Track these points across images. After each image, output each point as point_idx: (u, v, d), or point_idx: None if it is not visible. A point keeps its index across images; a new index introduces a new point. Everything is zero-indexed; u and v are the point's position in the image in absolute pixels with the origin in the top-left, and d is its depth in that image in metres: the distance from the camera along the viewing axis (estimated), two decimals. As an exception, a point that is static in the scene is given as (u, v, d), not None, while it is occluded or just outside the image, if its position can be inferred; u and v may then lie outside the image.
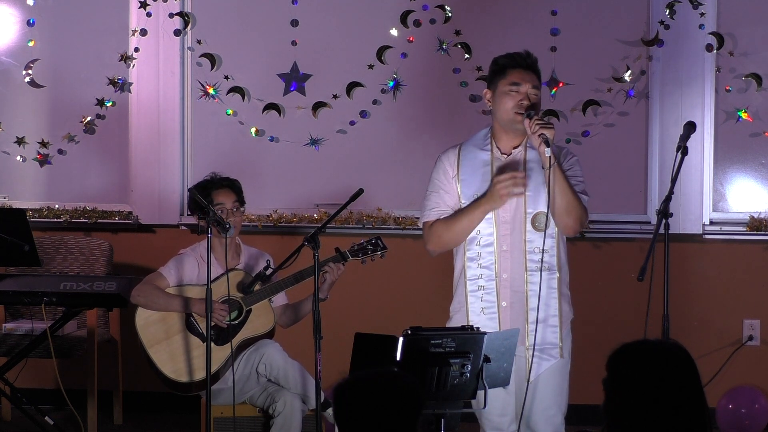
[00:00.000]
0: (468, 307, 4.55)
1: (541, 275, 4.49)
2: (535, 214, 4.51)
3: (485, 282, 4.53)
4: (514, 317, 4.50)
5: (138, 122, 6.90)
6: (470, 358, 4.07)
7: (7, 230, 5.85)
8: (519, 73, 4.56)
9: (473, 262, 4.55)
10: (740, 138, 6.55)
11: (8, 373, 6.12)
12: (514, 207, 4.51)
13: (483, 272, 4.54)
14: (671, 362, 2.96)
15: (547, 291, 4.52)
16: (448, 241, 4.62)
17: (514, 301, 4.51)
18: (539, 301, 4.47)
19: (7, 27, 7.00)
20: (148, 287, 5.47)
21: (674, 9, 6.46)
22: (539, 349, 4.49)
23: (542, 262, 4.50)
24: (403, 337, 3.98)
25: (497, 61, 4.64)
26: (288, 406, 5.33)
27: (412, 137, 6.73)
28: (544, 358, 4.51)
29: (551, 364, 4.52)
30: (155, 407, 6.81)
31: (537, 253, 4.50)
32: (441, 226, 4.61)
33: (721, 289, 6.62)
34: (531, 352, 4.47)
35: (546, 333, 4.52)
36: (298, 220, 6.75)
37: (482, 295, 4.53)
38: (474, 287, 4.55)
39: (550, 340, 4.52)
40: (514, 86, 4.54)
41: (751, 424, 6.43)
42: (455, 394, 4.10)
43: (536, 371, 4.51)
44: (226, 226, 5.27)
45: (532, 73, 4.57)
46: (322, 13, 6.77)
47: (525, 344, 4.49)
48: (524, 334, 4.49)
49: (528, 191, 4.51)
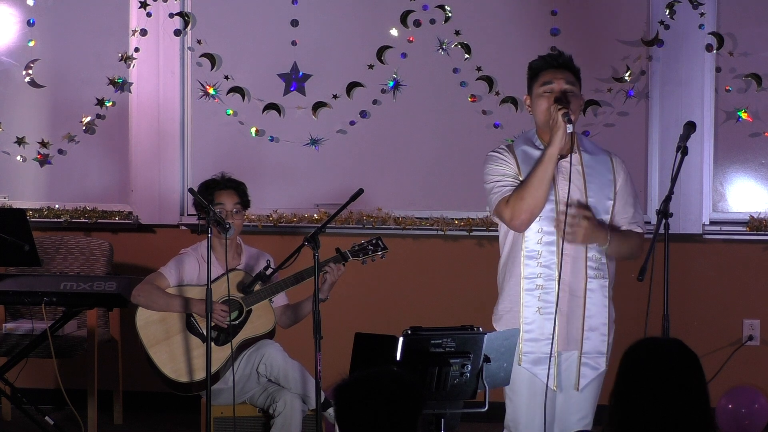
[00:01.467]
0: (522, 304, 4.46)
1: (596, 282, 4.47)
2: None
3: (544, 281, 4.44)
4: (572, 322, 4.46)
5: (138, 122, 6.90)
6: (470, 358, 4.07)
7: (7, 230, 5.85)
8: (550, 72, 4.49)
9: (532, 260, 4.46)
10: (740, 138, 6.55)
11: (8, 373, 6.12)
12: (575, 211, 4.42)
13: (543, 271, 4.44)
14: (677, 361, 2.97)
15: (602, 299, 4.50)
16: (531, 203, 4.37)
17: (572, 305, 4.46)
18: (595, 309, 4.46)
19: (7, 27, 7.00)
20: (149, 287, 5.47)
21: (674, 9, 6.46)
22: (589, 358, 4.48)
23: (598, 270, 4.47)
24: (403, 337, 3.98)
25: (530, 66, 4.56)
26: (288, 406, 5.33)
27: (412, 137, 6.74)
28: (592, 366, 4.50)
29: (600, 373, 4.52)
30: (155, 407, 6.81)
31: (595, 261, 4.47)
32: (518, 192, 4.40)
33: (721, 289, 6.62)
34: (581, 360, 4.46)
35: (596, 341, 4.50)
36: (298, 220, 6.75)
37: (540, 294, 4.45)
38: (531, 286, 4.45)
39: (599, 348, 4.51)
40: (547, 86, 4.48)
41: (750, 424, 6.43)
42: (455, 394, 4.09)
43: (584, 380, 4.50)
44: (226, 226, 5.27)
45: (565, 71, 4.49)
46: (322, 13, 6.77)
47: (578, 350, 4.47)
48: (578, 340, 4.47)
49: (589, 197, 4.47)
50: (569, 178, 4.45)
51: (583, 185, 4.49)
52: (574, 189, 4.47)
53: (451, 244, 6.74)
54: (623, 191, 4.56)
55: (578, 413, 4.53)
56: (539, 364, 4.43)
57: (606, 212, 4.52)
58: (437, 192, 6.69)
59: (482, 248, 6.64)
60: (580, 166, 4.50)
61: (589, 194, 4.48)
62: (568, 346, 4.48)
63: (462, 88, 6.65)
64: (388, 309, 6.69)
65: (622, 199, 4.56)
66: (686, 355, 3.01)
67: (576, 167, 4.49)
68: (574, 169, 4.48)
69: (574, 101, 4.47)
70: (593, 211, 4.46)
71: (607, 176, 4.54)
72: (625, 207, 4.56)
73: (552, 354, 4.43)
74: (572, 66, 4.54)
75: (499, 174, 4.50)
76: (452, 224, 6.66)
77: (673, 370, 2.96)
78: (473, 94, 6.64)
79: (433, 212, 6.67)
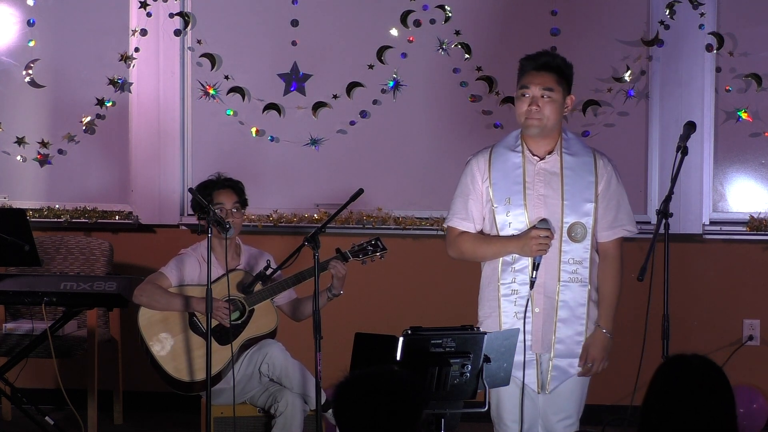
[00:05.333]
0: (501, 311, 4.49)
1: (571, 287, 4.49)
2: (572, 224, 4.47)
3: (519, 286, 4.47)
4: (546, 324, 4.48)
5: (138, 122, 6.91)
6: (470, 358, 4.07)
7: (7, 230, 5.85)
8: (529, 75, 4.49)
9: (508, 266, 4.50)
10: (740, 138, 6.55)
11: (8, 373, 6.12)
12: (550, 215, 4.46)
13: (517, 276, 4.48)
14: (706, 379, 2.96)
15: (578, 304, 4.50)
16: (470, 258, 4.62)
17: (546, 307, 4.48)
18: (569, 312, 4.47)
19: (7, 27, 7.00)
20: (150, 287, 5.47)
21: (674, 9, 6.46)
22: (559, 361, 4.49)
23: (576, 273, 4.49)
24: (403, 337, 3.98)
25: (519, 63, 4.58)
26: (290, 406, 5.34)
27: (412, 137, 6.74)
28: (562, 369, 4.51)
29: (572, 376, 4.53)
30: (155, 407, 6.81)
31: (571, 264, 4.47)
32: (467, 244, 4.56)
33: (721, 289, 6.62)
34: (551, 363, 4.48)
35: (571, 345, 4.51)
36: (298, 220, 6.75)
37: (516, 299, 4.48)
38: (507, 291, 4.49)
39: (572, 350, 4.51)
40: (524, 89, 4.49)
41: (749, 424, 6.43)
42: (455, 394, 4.10)
43: (557, 382, 4.51)
44: (226, 226, 5.27)
45: (545, 73, 4.47)
46: (322, 13, 6.77)
47: (550, 353, 4.48)
48: (550, 343, 4.48)
49: (565, 200, 4.47)
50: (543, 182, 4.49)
51: (561, 187, 4.49)
52: (551, 191, 4.47)
53: (451, 244, 6.74)
54: (605, 193, 4.53)
55: (559, 414, 4.53)
56: (520, 369, 4.44)
57: (585, 214, 4.50)
58: (437, 192, 6.69)
59: (482, 248, 6.63)
60: (560, 168, 4.49)
61: (565, 197, 4.47)
62: (544, 348, 4.50)
63: (462, 88, 6.65)
64: (388, 309, 6.69)
65: (604, 202, 4.54)
66: (715, 373, 2.99)
67: (554, 169, 4.49)
68: (552, 171, 4.49)
69: (550, 106, 4.46)
70: (568, 213, 4.46)
71: (587, 178, 4.52)
72: (606, 210, 4.54)
73: (530, 357, 4.45)
74: (556, 66, 4.51)
75: (463, 193, 4.59)
76: (452, 224, 6.65)
77: (702, 388, 2.94)
78: (473, 94, 6.64)
79: (433, 212, 6.67)
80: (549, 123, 4.48)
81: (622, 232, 4.58)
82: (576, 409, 4.57)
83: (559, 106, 4.50)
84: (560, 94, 4.49)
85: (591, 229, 4.50)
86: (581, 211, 4.48)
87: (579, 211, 4.48)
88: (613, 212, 4.54)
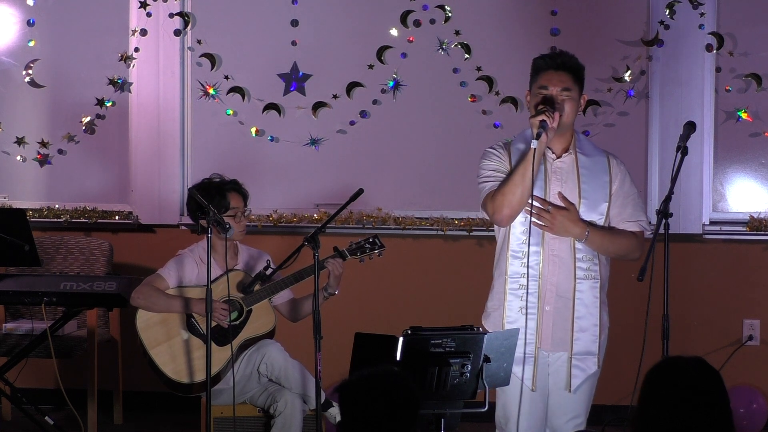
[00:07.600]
0: (506, 304, 4.49)
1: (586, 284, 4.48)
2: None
3: (527, 281, 4.46)
4: (558, 323, 4.48)
5: (138, 122, 6.90)
6: (470, 358, 4.07)
7: (7, 230, 5.85)
8: (548, 75, 4.49)
9: (517, 260, 4.48)
10: (740, 138, 6.55)
11: (8, 373, 6.12)
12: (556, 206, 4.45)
13: (526, 271, 4.45)
14: (699, 381, 2.94)
15: (592, 300, 4.49)
16: (511, 198, 4.40)
17: (559, 306, 4.47)
18: (585, 310, 4.47)
19: (7, 27, 7.00)
20: (148, 289, 5.46)
21: (674, 9, 6.46)
22: (579, 359, 4.49)
23: (589, 270, 4.48)
24: (403, 337, 3.98)
25: (533, 62, 4.56)
26: (289, 406, 5.33)
27: (412, 137, 6.74)
28: (582, 368, 4.51)
29: (591, 374, 4.52)
30: (155, 407, 6.81)
31: (585, 261, 4.48)
32: (500, 188, 4.44)
33: (721, 289, 6.62)
34: (571, 362, 4.47)
35: (587, 342, 4.51)
36: (298, 220, 6.75)
37: (523, 294, 4.45)
38: (515, 285, 4.48)
39: (590, 349, 4.51)
40: (543, 89, 4.49)
41: (749, 424, 6.43)
42: (455, 394, 4.10)
43: (575, 381, 4.51)
44: (225, 227, 5.27)
45: (563, 73, 4.48)
46: (322, 13, 6.77)
47: (569, 352, 4.48)
48: (567, 342, 4.48)
49: (583, 199, 4.48)
50: (562, 179, 4.48)
51: (578, 186, 4.49)
52: (567, 190, 4.47)
53: (451, 244, 6.74)
54: (620, 192, 4.55)
55: (569, 414, 4.53)
56: (520, 364, 4.43)
57: (600, 214, 4.52)
58: (437, 192, 6.69)
59: (482, 248, 6.63)
60: (575, 167, 4.50)
61: (582, 195, 4.48)
62: (555, 347, 4.49)
63: (462, 88, 6.65)
64: (388, 309, 6.69)
65: (619, 199, 4.55)
66: (709, 374, 2.98)
67: (571, 168, 4.50)
68: (568, 170, 4.49)
69: (568, 104, 4.47)
70: (585, 211, 4.47)
71: (602, 178, 4.54)
72: (622, 207, 4.55)
73: (529, 353, 4.44)
74: (573, 66, 4.53)
75: (490, 169, 4.53)
76: (452, 224, 6.66)
77: (695, 390, 2.93)
78: (473, 94, 6.64)
79: (433, 212, 6.67)
80: (567, 121, 4.49)
81: (636, 227, 4.58)
82: (585, 408, 4.57)
83: (576, 105, 4.52)
84: (577, 93, 4.52)
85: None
86: (598, 210, 4.50)
87: (596, 210, 4.50)
88: (630, 208, 4.57)
